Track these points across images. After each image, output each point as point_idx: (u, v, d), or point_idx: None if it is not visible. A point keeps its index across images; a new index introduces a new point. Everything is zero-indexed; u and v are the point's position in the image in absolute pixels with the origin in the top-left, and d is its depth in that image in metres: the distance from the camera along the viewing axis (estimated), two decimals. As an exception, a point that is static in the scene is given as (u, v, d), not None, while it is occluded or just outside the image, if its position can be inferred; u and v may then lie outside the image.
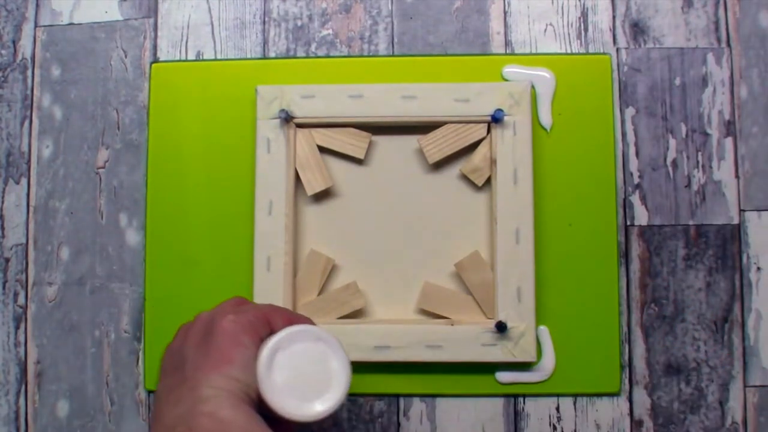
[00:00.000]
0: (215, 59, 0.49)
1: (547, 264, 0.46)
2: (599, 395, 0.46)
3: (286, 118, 0.45)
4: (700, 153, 0.47)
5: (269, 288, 0.45)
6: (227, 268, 0.47)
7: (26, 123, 0.49)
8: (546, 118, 0.46)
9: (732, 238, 0.46)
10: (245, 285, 0.46)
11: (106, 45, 0.49)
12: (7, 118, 0.49)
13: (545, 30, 0.48)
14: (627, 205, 0.47)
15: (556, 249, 0.46)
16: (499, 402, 0.46)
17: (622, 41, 0.48)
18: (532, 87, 0.46)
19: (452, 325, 0.44)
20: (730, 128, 0.47)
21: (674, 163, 0.47)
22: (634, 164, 0.47)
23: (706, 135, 0.47)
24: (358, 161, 0.47)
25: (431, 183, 0.47)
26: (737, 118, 0.47)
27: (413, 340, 0.44)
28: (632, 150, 0.47)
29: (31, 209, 0.49)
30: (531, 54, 0.48)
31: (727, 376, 0.46)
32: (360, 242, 0.47)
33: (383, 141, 0.47)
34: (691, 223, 0.47)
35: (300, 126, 0.46)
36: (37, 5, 0.50)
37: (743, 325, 0.46)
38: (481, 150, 0.46)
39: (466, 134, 0.46)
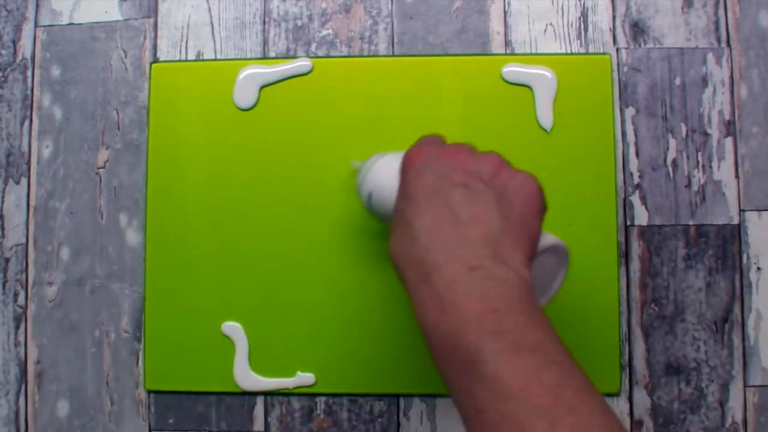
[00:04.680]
0: (215, 59, 0.49)
1: (547, 264, 0.46)
2: (599, 395, 0.46)
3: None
4: (700, 153, 0.47)
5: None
6: (227, 268, 0.47)
7: (26, 123, 0.49)
8: (546, 119, 0.46)
9: (732, 238, 0.46)
10: (245, 285, 0.46)
11: (106, 45, 0.49)
12: (7, 118, 0.49)
13: (545, 30, 0.48)
14: (627, 205, 0.47)
15: (556, 249, 0.46)
16: (499, 402, 0.46)
17: (622, 41, 0.48)
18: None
19: None
20: (730, 128, 0.47)
21: (674, 163, 0.47)
22: (634, 164, 0.47)
23: (706, 135, 0.47)
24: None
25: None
26: (737, 118, 0.47)
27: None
28: (632, 150, 0.47)
29: (31, 209, 0.49)
30: (531, 54, 0.48)
31: (727, 376, 0.46)
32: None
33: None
34: (691, 223, 0.47)
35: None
36: (37, 5, 0.50)
37: (743, 325, 0.46)
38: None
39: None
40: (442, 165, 0.32)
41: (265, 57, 0.49)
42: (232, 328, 0.46)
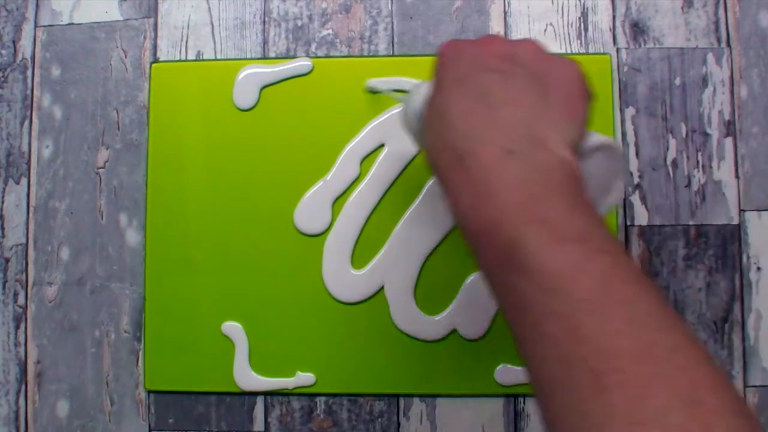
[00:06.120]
0: (215, 59, 0.49)
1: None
2: (599, 395, 0.45)
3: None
4: (700, 153, 0.47)
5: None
6: (227, 268, 0.47)
7: (26, 123, 0.49)
8: (546, 118, 0.46)
9: (732, 238, 0.46)
10: (245, 285, 0.46)
11: (106, 45, 0.49)
12: (7, 118, 0.49)
13: (545, 30, 0.48)
14: (627, 205, 0.47)
15: (556, 249, 0.46)
16: (499, 402, 0.46)
17: (622, 41, 0.48)
18: None
19: None
20: (730, 128, 0.47)
21: (674, 163, 0.47)
22: (634, 164, 0.47)
23: (706, 135, 0.47)
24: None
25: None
26: (737, 118, 0.47)
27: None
28: (632, 150, 0.47)
29: (31, 209, 0.49)
30: (531, 54, 0.48)
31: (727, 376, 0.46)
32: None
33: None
34: (691, 223, 0.47)
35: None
36: (37, 5, 0.50)
37: (743, 325, 0.46)
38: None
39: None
40: (475, 52, 0.30)
41: (265, 57, 0.49)
42: (232, 328, 0.46)
